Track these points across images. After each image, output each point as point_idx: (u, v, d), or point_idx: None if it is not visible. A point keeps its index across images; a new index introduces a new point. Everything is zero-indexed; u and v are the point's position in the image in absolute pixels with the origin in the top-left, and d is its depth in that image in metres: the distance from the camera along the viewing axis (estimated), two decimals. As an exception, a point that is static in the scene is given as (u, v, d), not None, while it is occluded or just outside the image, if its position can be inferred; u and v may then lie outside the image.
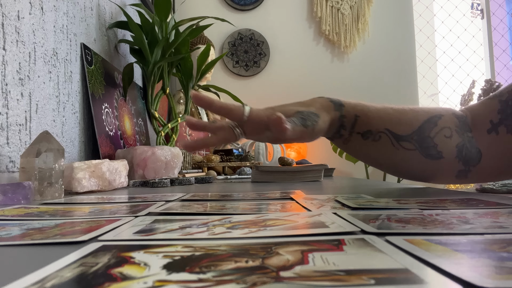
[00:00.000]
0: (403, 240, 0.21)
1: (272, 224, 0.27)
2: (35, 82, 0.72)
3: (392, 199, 0.41)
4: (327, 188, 0.64)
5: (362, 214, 0.30)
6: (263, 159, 1.63)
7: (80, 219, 0.32)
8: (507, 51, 2.72)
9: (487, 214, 0.30)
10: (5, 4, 0.64)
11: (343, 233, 0.23)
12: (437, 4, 2.66)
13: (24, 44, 0.69)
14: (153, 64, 1.08)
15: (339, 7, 2.38)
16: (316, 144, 2.30)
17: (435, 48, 2.62)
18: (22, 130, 0.68)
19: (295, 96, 2.54)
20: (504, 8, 2.91)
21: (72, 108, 0.88)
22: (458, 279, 0.14)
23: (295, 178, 0.85)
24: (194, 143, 0.53)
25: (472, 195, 0.43)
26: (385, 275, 0.15)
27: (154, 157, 0.89)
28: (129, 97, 1.26)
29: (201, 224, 0.27)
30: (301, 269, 0.16)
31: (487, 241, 0.21)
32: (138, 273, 0.16)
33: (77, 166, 0.62)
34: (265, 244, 0.21)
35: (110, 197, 0.52)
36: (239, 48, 2.33)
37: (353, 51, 2.37)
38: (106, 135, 0.99)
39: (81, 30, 0.95)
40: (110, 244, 0.22)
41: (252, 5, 2.35)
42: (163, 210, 0.36)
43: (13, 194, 0.46)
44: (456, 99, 2.47)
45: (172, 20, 1.19)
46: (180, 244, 0.21)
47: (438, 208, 0.33)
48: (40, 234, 0.25)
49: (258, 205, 0.39)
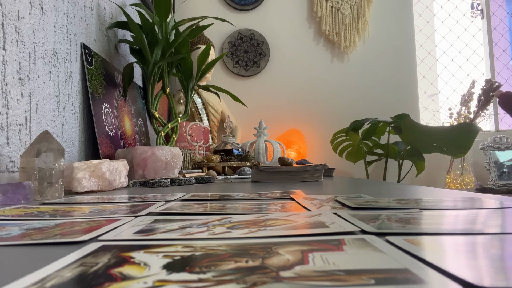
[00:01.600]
0: (403, 240, 0.21)
1: (272, 224, 0.27)
2: (35, 82, 0.72)
3: (392, 199, 0.41)
4: (327, 188, 0.64)
5: (362, 214, 0.30)
6: (263, 159, 1.63)
7: (80, 219, 0.32)
8: (507, 51, 2.72)
9: (487, 214, 0.30)
10: (5, 4, 0.64)
11: (343, 233, 0.23)
12: (437, 4, 2.66)
13: (24, 44, 0.69)
14: (153, 64, 1.08)
15: (339, 7, 2.38)
16: (316, 144, 2.31)
17: (435, 48, 2.62)
18: (22, 130, 0.68)
19: (295, 95, 2.54)
20: (504, 8, 2.91)
21: (72, 108, 0.88)
22: (458, 279, 0.14)
23: (295, 178, 0.85)
24: None
25: (472, 195, 0.43)
26: (385, 275, 0.15)
27: (154, 157, 0.89)
28: (129, 97, 1.26)
29: (201, 224, 0.27)
30: (301, 269, 0.16)
31: (487, 241, 0.21)
32: (138, 273, 0.16)
33: (77, 166, 0.62)
34: (265, 244, 0.21)
35: (110, 197, 0.52)
36: (239, 48, 2.33)
37: (353, 51, 2.37)
38: (106, 135, 0.99)
39: (81, 30, 0.95)
40: (110, 244, 0.21)
41: (252, 5, 2.35)
42: (163, 210, 0.36)
43: (13, 194, 0.46)
44: (456, 99, 2.47)
45: (172, 20, 1.19)
46: (180, 244, 0.21)
47: (438, 208, 0.33)
48: (40, 234, 0.25)
49: (258, 205, 0.39)
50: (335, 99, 2.33)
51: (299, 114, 2.33)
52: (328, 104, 2.34)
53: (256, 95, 2.32)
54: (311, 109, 2.34)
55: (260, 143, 1.65)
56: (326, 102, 2.34)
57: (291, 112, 2.33)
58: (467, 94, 2.30)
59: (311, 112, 2.34)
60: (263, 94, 2.33)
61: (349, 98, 2.34)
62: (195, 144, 1.45)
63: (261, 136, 1.67)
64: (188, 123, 1.45)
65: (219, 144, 1.57)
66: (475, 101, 2.27)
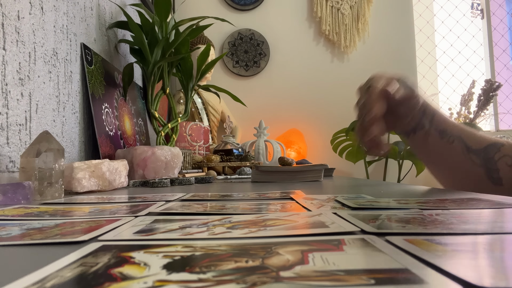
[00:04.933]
0: (403, 240, 0.21)
1: (272, 224, 0.27)
2: (35, 82, 0.72)
3: (392, 199, 0.41)
4: (327, 188, 0.64)
5: (362, 214, 0.30)
6: (263, 159, 1.63)
7: (80, 219, 0.32)
8: (507, 51, 2.72)
9: (487, 214, 0.30)
10: (5, 4, 0.64)
11: (343, 233, 0.23)
12: (437, 4, 2.66)
13: (24, 44, 0.69)
14: (153, 64, 1.08)
15: (339, 7, 2.38)
16: (316, 144, 2.31)
17: (435, 48, 2.62)
18: (22, 130, 0.68)
19: (295, 96, 2.54)
20: (504, 8, 2.91)
21: (72, 108, 0.88)
22: (458, 279, 0.14)
23: (295, 178, 0.85)
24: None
25: (472, 195, 0.43)
26: (385, 275, 0.15)
27: (154, 157, 0.89)
28: (129, 97, 1.26)
29: (201, 224, 0.27)
30: (301, 269, 0.16)
31: (487, 241, 0.21)
32: (138, 273, 0.16)
33: (77, 166, 0.62)
34: (265, 244, 0.21)
35: (110, 197, 0.52)
36: (239, 48, 2.33)
37: (353, 51, 2.37)
38: (106, 135, 0.99)
39: (81, 30, 0.95)
40: (110, 244, 0.22)
41: (252, 5, 2.35)
42: (163, 210, 0.36)
43: (13, 194, 0.46)
44: (456, 99, 2.47)
45: (172, 20, 1.19)
46: (180, 244, 0.21)
47: (438, 208, 0.33)
48: (40, 234, 0.25)
49: (258, 205, 0.39)
50: (335, 99, 2.33)
51: (299, 114, 2.33)
52: (328, 104, 2.34)
53: (256, 95, 2.32)
54: (311, 109, 2.34)
55: (260, 143, 1.65)
56: (326, 102, 2.34)
57: (291, 112, 2.33)
58: (467, 94, 2.30)
59: (311, 112, 2.34)
60: (263, 94, 2.33)
61: (349, 98, 2.33)
62: (195, 144, 1.45)
63: (261, 136, 1.67)
64: (188, 123, 1.45)
65: (219, 144, 1.57)
66: (475, 101, 2.27)
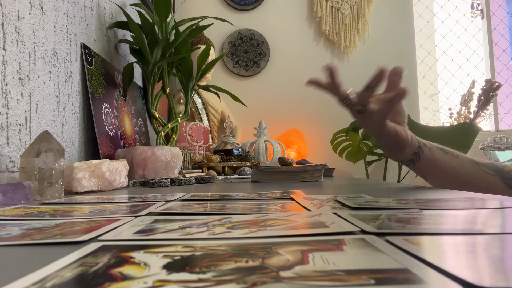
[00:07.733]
0: (403, 240, 0.21)
1: (272, 224, 0.27)
2: (35, 82, 0.72)
3: (392, 199, 0.41)
4: (327, 188, 0.64)
5: (362, 214, 0.30)
6: (263, 159, 1.63)
7: (80, 219, 0.32)
8: (507, 51, 2.72)
9: (487, 214, 0.30)
10: (5, 4, 0.64)
11: (343, 233, 0.23)
12: (437, 4, 2.66)
13: (24, 44, 0.69)
14: (153, 64, 1.08)
15: (339, 7, 2.38)
16: (316, 144, 2.31)
17: (435, 48, 2.62)
18: (22, 130, 0.68)
19: (295, 96, 2.53)
20: (504, 8, 2.91)
21: (72, 108, 0.88)
22: (458, 279, 0.14)
23: (295, 178, 0.85)
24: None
25: (472, 195, 0.43)
26: (385, 275, 0.15)
27: (154, 157, 0.89)
28: (129, 97, 1.26)
29: (201, 224, 0.27)
30: (301, 269, 0.16)
31: (487, 241, 0.21)
32: (138, 273, 0.16)
33: (77, 166, 0.62)
34: (265, 244, 0.21)
35: (110, 197, 0.52)
36: (239, 48, 2.33)
37: (353, 51, 2.37)
38: (106, 135, 0.99)
39: (81, 30, 0.95)
40: (110, 244, 0.22)
41: (252, 5, 2.35)
42: (163, 210, 0.36)
43: (13, 194, 0.46)
44: (456, 99, 2.47)
45: (172, 20, 1.19)
46: (180, 244, 0.21)
47: (438, 208, 0.33)
48: (40, 234, 0.25)
49: (258, 205, 0.38)
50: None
51: (299, 114, 2.33)
52: (328, 104, 2.33)
53: (256, 95, 2.32)
54: (311, 109, 2.34)
55: (260, 143, 1.65)
56: (326, 102, 2.33)
57: (291, 112, 2.33)
58: (467, 94, 2.30)
59: (311, 112, 2.34)
60: (263, 94, 2.33)
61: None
62: (195, 144, 1.45)
63: (261, 136, 1.67)
64: (188, 123, 1.45)
65: (219, 144, 1.57)
66: (475, 101, 2.27)
